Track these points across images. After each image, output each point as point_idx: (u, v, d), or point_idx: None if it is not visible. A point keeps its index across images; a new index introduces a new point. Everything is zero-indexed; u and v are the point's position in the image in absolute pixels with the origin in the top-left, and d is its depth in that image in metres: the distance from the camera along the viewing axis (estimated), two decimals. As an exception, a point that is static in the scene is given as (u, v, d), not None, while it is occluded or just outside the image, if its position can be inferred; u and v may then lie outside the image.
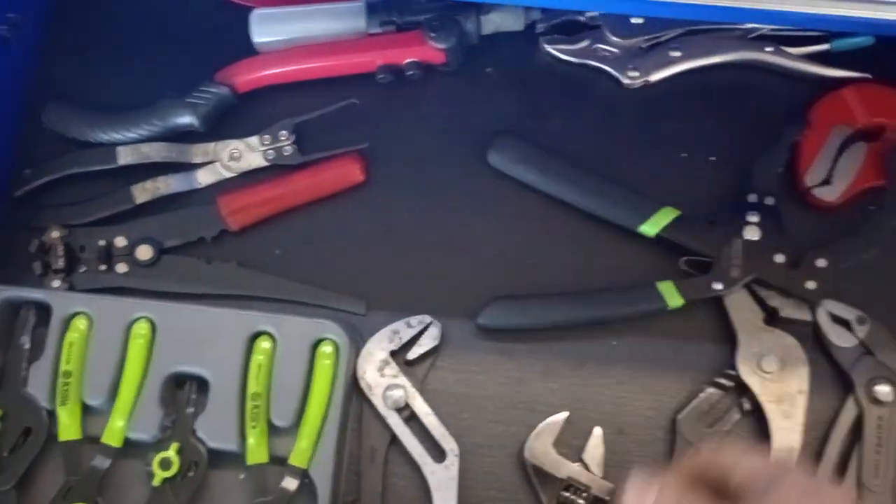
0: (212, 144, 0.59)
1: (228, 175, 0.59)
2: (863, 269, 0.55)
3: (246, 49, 0.60)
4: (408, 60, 0.58)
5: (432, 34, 0.56)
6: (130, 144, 0.58)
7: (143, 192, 0.58)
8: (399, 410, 0.53)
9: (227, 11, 0.60)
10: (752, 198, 0.55)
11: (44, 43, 0.62)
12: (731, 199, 0.56)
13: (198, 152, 0.59)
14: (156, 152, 0.58)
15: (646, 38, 0.60)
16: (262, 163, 0.59)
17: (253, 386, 0.52)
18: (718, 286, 0.54)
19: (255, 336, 0.53)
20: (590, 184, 0.57)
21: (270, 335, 0.53)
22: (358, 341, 0.55)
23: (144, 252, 0.56)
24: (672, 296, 0.54)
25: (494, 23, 0.59)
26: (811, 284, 0.54)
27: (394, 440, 0.54)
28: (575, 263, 0.57)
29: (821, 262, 0.54)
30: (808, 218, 0.57)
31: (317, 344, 0.53)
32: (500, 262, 0.57)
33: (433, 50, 0.57)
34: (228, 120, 0.59)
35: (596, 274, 0.56)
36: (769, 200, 0.55)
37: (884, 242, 0.54)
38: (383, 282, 0.57)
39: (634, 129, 0.60)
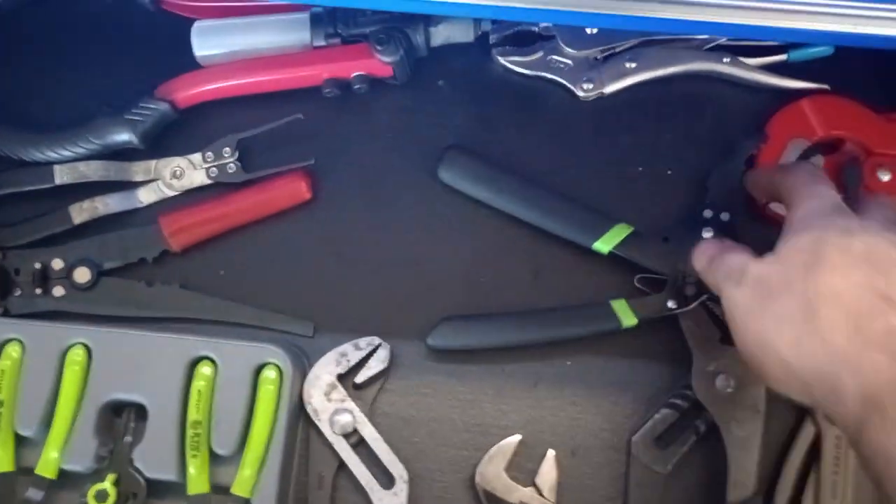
0: (153, 162, 0.58)
1: (171, 193, 0.58)
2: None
3: (188, 62, 0.59)
4: (355, 74, 0.57)
5: (378, 47, 0.56)
6: (67, 163, 0.57)
7: (80, 212, 0.57)
8: (347, 436, 0.53)
9: (168, 23, 0.59)
10: (708, 213, 0.55)
11: None
12: (688, 213, 0.56)
13: (138, 170, 0.58)
14: (93, 171, 0.57)
15: (601, 49, 0.59)
16: (206, 181, 0.58)
17: (193, 413, 0.51)
18: (672, 304, 0.54)
19: (196, 361, 0.52)
20: (542, 200, 0.56)
21: (211, 360, 0.52)
22: (304, 364, 0.54)
23: (82, 274, 0.55)
24: (626, 315, 0.54)
25: (443, 35, 0.58)
26: None
27: (342, 466, 0.53)
28: (527, 281, 0.56)
29: None
30: (766, 233, 0.56)
31: (260, 369, 0.52)
32: (451, 281, 0.57)
33: (380, 63, 0.57)
34: (170, 136, 0.59)
35: (549, 292, 0.56)
36: (724, 216, 0.55)
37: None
38: (332, 302, 0.57)
39: (589, 142, 0.59)
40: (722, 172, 0.56)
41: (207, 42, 0.58)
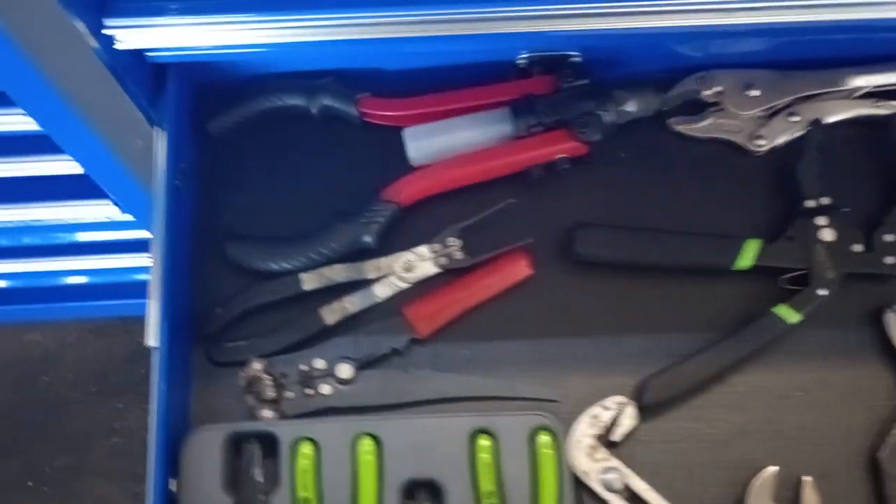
0: (383, 259, 0.64)
1: (403, 286, 0.64)
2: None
3: (394, 164, 0.66)
4: (559, 157, 0.65)
5: (583, 130, 0.64)
6: (313, 270, 0.63)
7: (331, 313, 0.63)
8: (618, 492, 0.58)
9: (376, 132, 0.67)
10: (811, 203, 0.64)
11: (210, 184, 0.67)
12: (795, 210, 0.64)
13: (370, 268, 0.64)
14: (337, 274, 0.63)
15: (762, 108, 0.68)
16: (435, 270, 0.64)
17: (485, 484, 0.56)
18: (823, 292, 0.61)
19: (474, 435, 0.58)
20: (679, 241, 0.64)
21: (488, 432, 0.58)
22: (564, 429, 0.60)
23: (344, 371, 0.61)
24: (790, 314, 0.61)
25: (631, 112, 0.66)
26: (889, 259, 0.62)
27: (621, 521, 0.59)
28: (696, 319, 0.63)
29: (888, 237, 0.63)
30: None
31: (533, 435, 0.58)
32: (652, 339, 0.63)
33: (579, 144, 0.64)
34: (395, 233, 0.65)
35: (717, 323, 0.63)
36: (825, 200, 0.63)
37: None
38: (569, 365, 0.63)
39: (767, 192, 0.67)
40: (805, 165, 0.64)
41: (419, 144, 0.65)
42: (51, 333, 1.40)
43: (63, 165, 0.71)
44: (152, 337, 0.58)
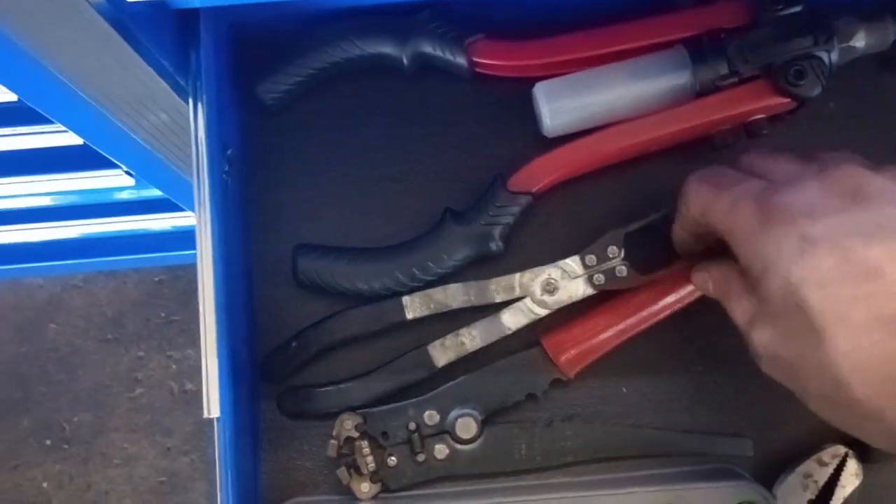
0: (516, 276, 0.49)
1: (543, 313, 0.49)
2: None
3: (527, 131, 0.49)
4: (755, 118, 0.48)
5: (800, 82, 0.46)
6: (419, 292, 0.48)
7: (444, 351, 0.48)
8: (845, 579, 0.46)
9: (494, 89, 0.50)
10: None
11: (264, 172, 0.50)
12: None
13: (498, 288, 0.49)
14: (452, 298, 0.48)
15: None
16: (589, 291, 0.48)
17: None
18: None
19: (653, 518, 0.45)
20: None
21: (672, 514, 0.45)
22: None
23: (465, 427, 0.48)
24: None
25: (857, 48, 0.48)
26: None
27: None
28: None
29: None
30: None
31: (732, 514, 0.46)
32: None
33: (789, 101, 0.47)
34: (521, 231, 0.49)
35: None
36: None
37: None
38: (762, 404, 0.49)
39: None
40: None
41: (558, 105, 0.48)
42: (53, 276, 1.27)
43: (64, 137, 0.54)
44: (213, 406, 0.43)
